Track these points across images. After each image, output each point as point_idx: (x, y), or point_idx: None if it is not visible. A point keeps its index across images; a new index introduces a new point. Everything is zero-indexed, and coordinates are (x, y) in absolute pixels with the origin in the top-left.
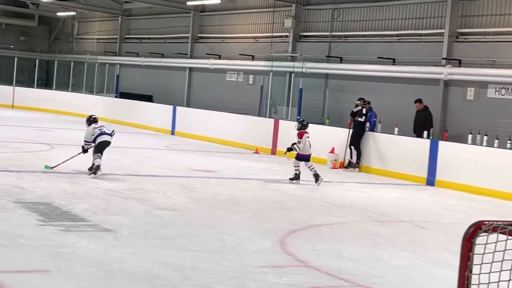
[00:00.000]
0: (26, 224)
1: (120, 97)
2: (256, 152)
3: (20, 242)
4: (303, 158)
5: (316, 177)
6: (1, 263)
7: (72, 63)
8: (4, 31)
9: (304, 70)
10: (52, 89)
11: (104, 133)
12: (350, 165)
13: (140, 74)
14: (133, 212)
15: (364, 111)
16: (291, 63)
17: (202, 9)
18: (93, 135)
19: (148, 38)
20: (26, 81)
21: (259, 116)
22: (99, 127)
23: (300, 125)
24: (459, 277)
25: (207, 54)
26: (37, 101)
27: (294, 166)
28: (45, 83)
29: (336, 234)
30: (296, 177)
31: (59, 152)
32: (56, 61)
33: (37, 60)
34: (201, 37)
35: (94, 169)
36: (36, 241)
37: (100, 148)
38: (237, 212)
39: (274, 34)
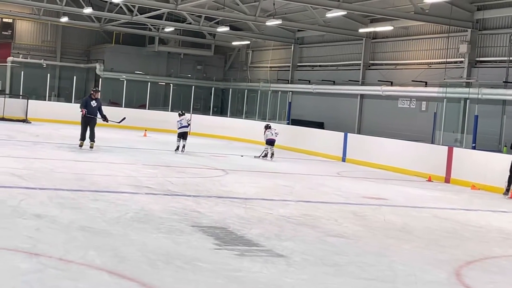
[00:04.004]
0: (203, 248)
1: (292, 124)
2: (429, 180)
3: (197, 265)
4: (268, 142)
5: (271, 155)
6: (180, 285)
7: (246, 90)
8: (182, 60)
9: (479, 96)
10: (227, 116)
11: (182, 126)
12: None
13: (311, 101)
14: (305, 238)
15: None
16: (466, 89)
17: (374, 36)
18: (177, 127)
19: (320, 66)
20: (202, 109)
21: (432, 143)
22: (180, 120)
23: (264, 128)
24: None
25: (378, 81)
26: (212, 128)
27: (264, 149)
28: (220, 111)
29: None
30: (264, 154)
31: (233, 178)
32: (230, 89)
33: (213, 88)
34: (372, 64)
35: (177, 148)
36: (212, 264)
37: (180, 135)
38: (409, 241)
39: (448, 60)
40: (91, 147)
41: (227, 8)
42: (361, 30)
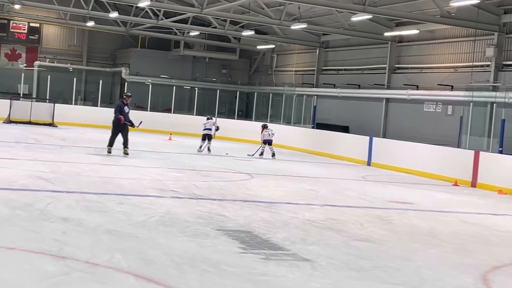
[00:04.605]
0: (228, 251)
1: (316, 128)
2: (455, 185)
3: (223, 268)
4: (266, 142)
5: (273, 155)
6: None
7: (270, 94)
8: (207, 64)
9: (506, 100)
10: (252, 120)
11: (205, 128)
12: None
13: (336, 105)
14: (330, 242)
15: None
16: (492, 93)
17: (400, 39)
18: (202, 128)
19: (345, 69)
20: (227, 112)
21: (458, 147)
22: (205, 123)
23: (261, 127)
24: None
25: (404, 84)
26: (237, 132)
27: (261, 147)
28: (245, 114)
29: None
30: (260, 153)
31: (258, 182)
32: (255, 93)
33: (238, 92)
34: (398, 68)
35: (200, 147)
36: (238, 268)
37: (204, 137)
38: (436, 246)
39: (474, 63)
40: (127, 153)
41: (252, 12)
42: (386, 34)
